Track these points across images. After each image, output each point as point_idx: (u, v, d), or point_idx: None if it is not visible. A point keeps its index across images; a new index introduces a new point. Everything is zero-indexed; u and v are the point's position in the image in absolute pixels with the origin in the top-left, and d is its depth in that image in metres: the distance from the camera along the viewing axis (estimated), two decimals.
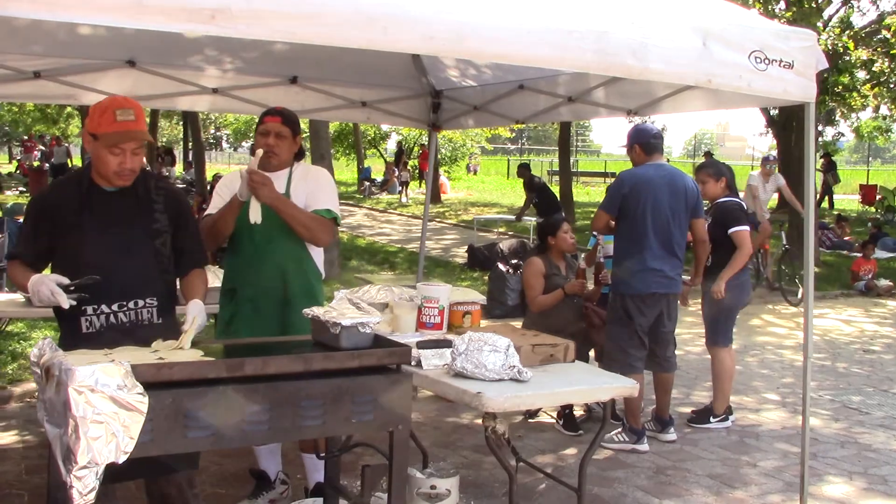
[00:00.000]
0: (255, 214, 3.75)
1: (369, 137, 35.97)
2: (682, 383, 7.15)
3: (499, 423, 3.27)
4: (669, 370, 5.53)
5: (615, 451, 5.32)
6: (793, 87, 3.82)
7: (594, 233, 6.35)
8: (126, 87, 5.64)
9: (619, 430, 5.45)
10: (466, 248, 14.33)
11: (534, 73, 5.56)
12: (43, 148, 33.97)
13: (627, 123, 9.77)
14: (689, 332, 8.73)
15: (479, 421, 5.73)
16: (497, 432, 3.27)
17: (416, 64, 6.12)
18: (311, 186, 3.96)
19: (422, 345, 3.61)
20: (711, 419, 5.90)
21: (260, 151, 3.76)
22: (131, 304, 3.16)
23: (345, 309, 3.17)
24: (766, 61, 3.73)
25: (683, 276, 5.64)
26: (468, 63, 5.89)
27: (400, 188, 29.53)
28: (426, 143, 28.52)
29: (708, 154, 31.34)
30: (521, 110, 6.10)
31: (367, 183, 31.06)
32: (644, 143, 5.28)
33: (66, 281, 2.99)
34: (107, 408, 2.43)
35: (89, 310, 3.12)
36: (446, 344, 3.56)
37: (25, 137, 39.74)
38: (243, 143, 59.76)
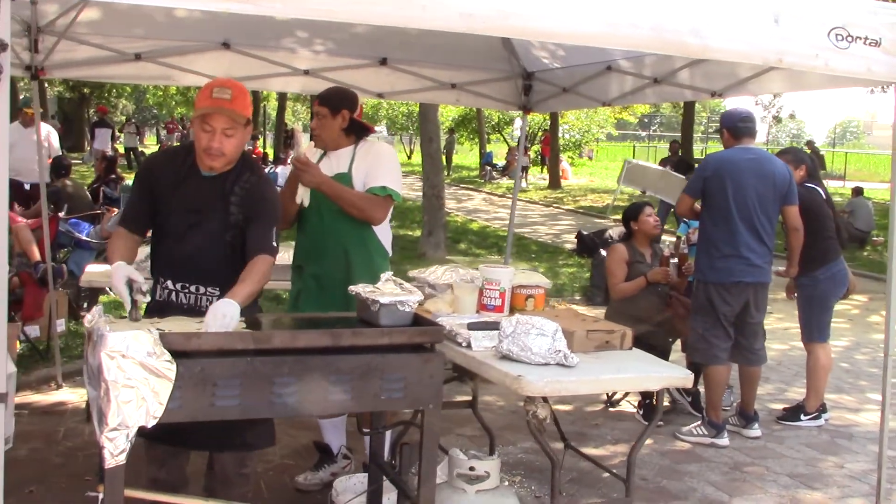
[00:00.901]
0: (303, 197, 3.89)
1: (493, 122, 35.94)
2: (781, 379, 6.87)
3: (540, 408, 3.22)
4: (756, 363, 5.31)
5: (693, 445, 5.16)
6: (879, 67, 3.56)
7: (685, 220, 6.16)
8: (221, 69, 5.84)
9: (699, 423, 5.28)
10: (576, 234, 14.14)
11: (620, 54, 5.43)
12: (183, 130, 35.57)
13: (754, 106, 9.40)
14: (796, 326, 8.32)
15: (566, 407, 5.71)
16: (538, 417, 3.22)
17: (506, 45, 6.07)
18: (371, 163, 4.00)
19: (472, 326, 3.60)
20: (802, 417, 5.64)
21: (303, 140, 3.86)
22: (192, 289, 3.23)
23: (388, 288, 3.20)
24: (849, 38, 3.49)
25: (777, 267, 5.41)
26: (557, 45, 5.80)
27: (521, 173, 29.44)
28: (549, 128, 28.45)
29: (810, 143, 30.05)
30: (608, 92, 5.96)
31: (488, 167, 31.08)
32: (731, 127, 5.08)
33: (138, 278, 2.97)
34: (137, 373, 2.53)
35: (160, 280, 3.26)
36: (496, 326, 3.53)
37: (169, 120, 41.75)
38: (374, 128, 61.03)
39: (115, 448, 2.54)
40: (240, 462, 3.27)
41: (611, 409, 5.86)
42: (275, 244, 3.28)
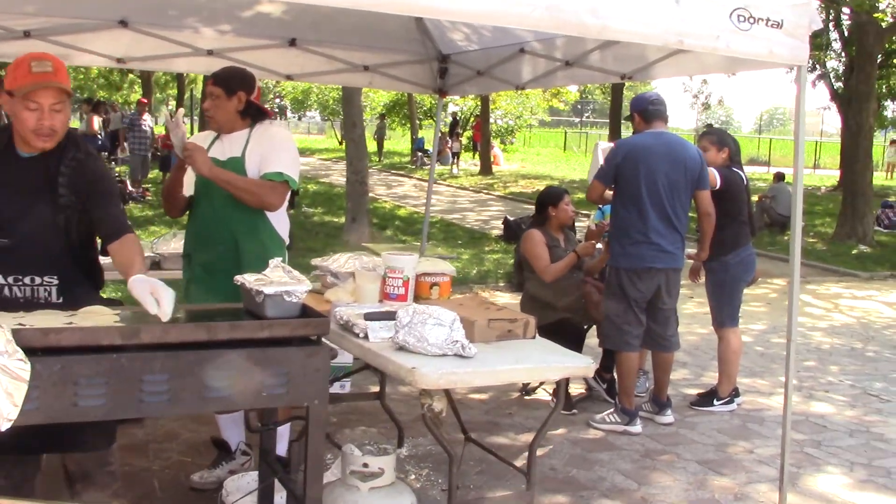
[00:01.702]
0: (188, 186, 3.71)
1: (425, 108, 35.77)
2: (697, 363, 6.90)
3: (436, 401, 3.10)
4: (669, 349, 5.28)
5: (606, 433, 5.12)
6: (781, 49, 3.53)
7: (600, 206, 6.12)
8: (120, 49, 5.60)
9: (612, 410, 5.24)
10: (502, 220, 14.10)
11: (532, 36, 5.33)
12: (105, 114, 34.52)
13: (682, 93, 9.42)
14: (706, 312, 8.40)
15: (480, 396, 5.63)
16: (434, 410, 3.10)
17: (420, 27, 5.92)
18: (266, 148, 3.81)
19: (369, 316, 3.46)
20: (715, 402, 5.65)
21: (178, 116, 3.68)
22: (27, 280, 2.98)
23: (276, 276, 3.04)
24: (751, 20, 3.45)
25: (689, 251, 5.38)
26: (470, 26, 5.67)
27: (452, 159, 29.37)
28: (480, 114, 28.38)
29: (710, 125, 30.55)
30: (521, 75, 5.87)
31: (419, 153, 30.92)
32: (642, 111, 5.02)
33: None
34: None
35: None
36: (393, 316, 3.40)
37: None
38: (306, 113, 60.33)
39: None
40: (101, 460, 3.06)
41: (526, 398, 5.79)
42: (128, 221, 3.12)
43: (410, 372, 3.03)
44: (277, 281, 2.98)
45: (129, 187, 15.62)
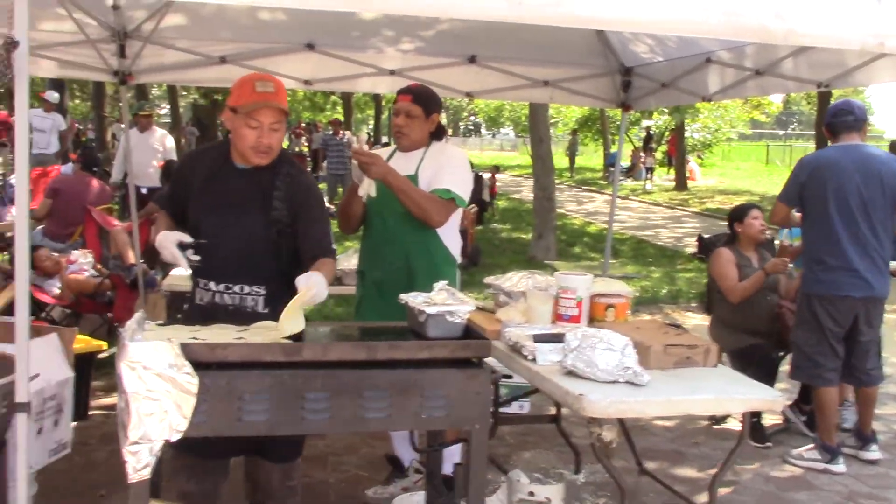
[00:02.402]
0: (371, 189, 3.68)
1: (618, 122, 35.11)
2: None
3: (606, 430, 2.94)
4: (870, 384, 4.79)
5: (804, 470, 4.71)
6: None
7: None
8: (307, 71, 5.81)
9: (811, 446, 4.82)
10: (696, 237, 13.53)
11: (719, 45, 5.03)
12: (309, 135, 36.35)
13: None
14: None
15: (666, 423, 5.35)
16: (603, 440, 2.94)
17: (602, 39, 5.76)
18: (439, 165, 3.80)
19: (538, 338, 3.34)
20: None
21: (363, 134, 3.69)
22: (236, 289, 3.11)
23: (440, 297, 3.00)
24: None
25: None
26: (654, 37, 5.45)
27: (646, 174, 28.65)
28: (675, 128, 27.51)
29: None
30: (708, 86, 5.56)
31: (611, 169, 30.38)
32: (828, 125, 4.63)
33: (188, 239, 2.99)
34: (159, 385, 2.41)
35: (200, 282, 3.16)
36: (563, 338, 3.26)
37: (296, 125, 42.84)
38: (500, 130, 61.00)
39: (139, 462, 2.43)
40: (286, 474, 3.15)
41: (715, 427, 5.45)
42: (333, 246, 3.21)
43: (578, 399, 2.89)
44: (441, 301, 2.94)
45: (327, 204, 16.29)
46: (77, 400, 4.57)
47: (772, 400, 3.06)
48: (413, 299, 2.96)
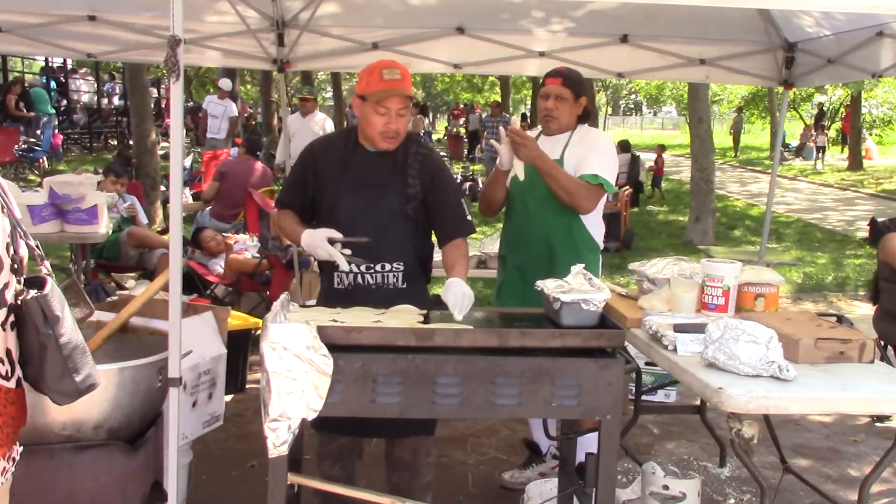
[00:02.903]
0: (519, 171, 3.68)
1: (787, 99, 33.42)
2: None
3: (747, 426, 2.82)
4: None
5: None
6: None
7: None
8: (457, 54, 5.84)
9: None
10: (869, 221, 12.74)
11: (892, 17, 4.68)
12: (466, 115, 36.67)
13: None
14: None
15: (824, 418, 5.09)
16: (744, 436, 2.82)
17: (762, 14, 5.48)
18: (585, 150, 3.74)
19: (679, 328, 3.24)
20: None
21: (516, 117, 3.66)
22: (378, 267, 3.20)
23: (576, 283, 2.97)
24: None
25: None
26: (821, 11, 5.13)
27: (817, 154, 27.18)
28: (850, 103, 25.87)
29: None
30: (879, 61, 5.18)
31: (780, 149, 28.98)
32: None
33: (338, 236, 3.07)
34: (297, 365, 2.52)
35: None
36: (704, 329, 3.15)
37: (454, 105, 43.25)
38: (662, 108, 59.40)
39: (278, 439, 2.56)
40: (420, 451, 3.23)
41: (878, 425, 5.14)
42: (468, 218, 3.32)
43: (717, 392, 2.78)
44: (577, 288, 2.91)
45: (481, 186, 16.40)
46: (235, 374, 4.86)
47: None
48: (548, 286, 2.95)
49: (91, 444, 2.67)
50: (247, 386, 5.26)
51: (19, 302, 2.05)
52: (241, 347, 5.00)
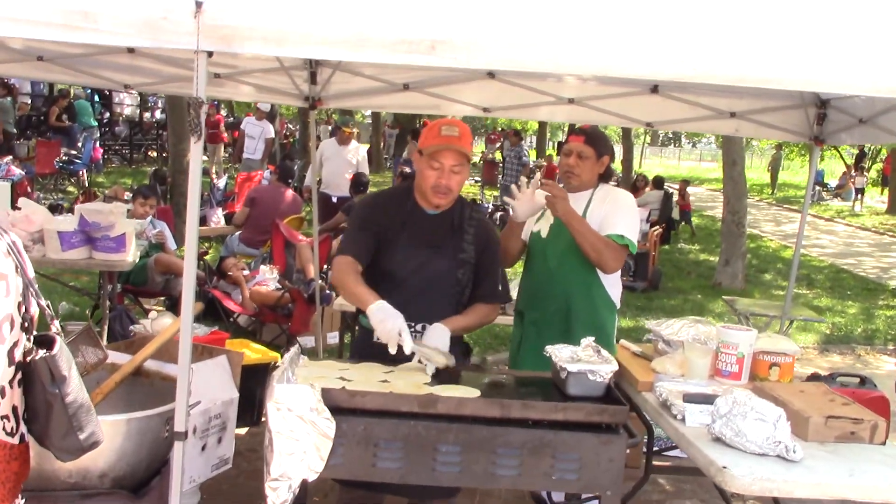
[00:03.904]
0: (543, 228, 3.74)
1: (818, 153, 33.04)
2: None
3: None
4: None
5: None
6: None
7: None
8: (487, 98, 5.86)
9: None
10: None
11: None
12: (502, 140, 36.70)
13: None
14: None
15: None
16: None
17: None
18: (609, 209, 3.76)
19: (688, 398, 3.23)
20: None
21: (536, 177, 3.69)
22: (418, 327, 3.18)
23: (584, 354, 2.98)
24: None
25: None
26: None
27: (855, 195, 26.85)
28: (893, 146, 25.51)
29: None
30: None
31: (817, 187, 28.68)
32: None
33: (406, 330, 2.92)
34: (300, 427, 2.55)
35: None
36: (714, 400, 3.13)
37: (491, 130, 43.33)
38: (701, 140, 59.10)
39: (278, 498, 2.58)
40: None
41: None
42: (501, 288, 3.37)
43: (721, 471, 2.76)
44: (585, 359, 2.92)
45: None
46: (251, 407, 4.90)
47: None
48: (558, 353, 2.97)
49: (96, 492, 2.72)
50: (262, 419, 5.28)
51: (28, 360, 2.10)
52: (259, 381, 5.03)
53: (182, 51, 2.61)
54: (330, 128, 19.33)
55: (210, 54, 2.60)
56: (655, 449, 4.78)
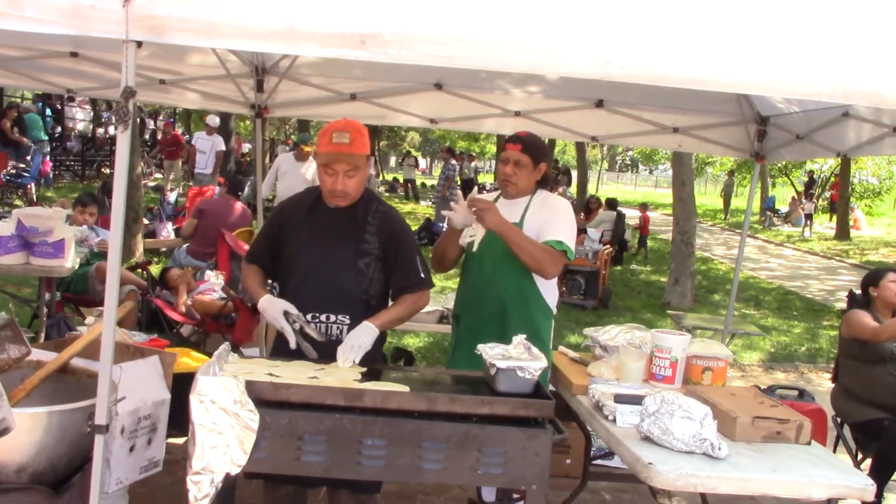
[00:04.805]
0: (476, 239, 3.76)
1: (780, 164, 33.73)
2: None
3: (675, 502, 2.82)
4: None
5: None
6: None
7: None
8: (433, 110, 5.91)
9: None
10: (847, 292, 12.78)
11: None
12: (459, 163, 36.93)
13: None
14: None
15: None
16: None
17: None
18: (547, 216, 3.78)
19: (620, 398, 3.25)
20: None
21: (474, 191, 3.78)
22: (322, 318, 3.26)
23: (515, 352, 2.99)
24: None
25: None
26: None
27: (805, 221, 27.35)
28: (840, 173, 26.09)
29: None
30: (844, 141, 5.26)
31: (768, 213, 29.20)
32: None
33: (293, 311, 3.16)
34: (223, 419, 2.52)
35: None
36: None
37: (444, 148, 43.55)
38: (658, 166, 59.88)
39: (199, 492, 2.55)
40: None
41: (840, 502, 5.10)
42: (423, 275, 3.38)
43: (646, 468, 2.78)
44: (515, 356, 2.93)
45: None
46: (187, 416, 4.81)
47: (861, 488, 2.83)
48: (489, 351, 2.98)
49: (12, 487, 2.65)
50: None
51: None
52: None
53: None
54: (288, 147, 19.30)
55: (139, 44, 2.57)
56: (597, 456, 4.82)
